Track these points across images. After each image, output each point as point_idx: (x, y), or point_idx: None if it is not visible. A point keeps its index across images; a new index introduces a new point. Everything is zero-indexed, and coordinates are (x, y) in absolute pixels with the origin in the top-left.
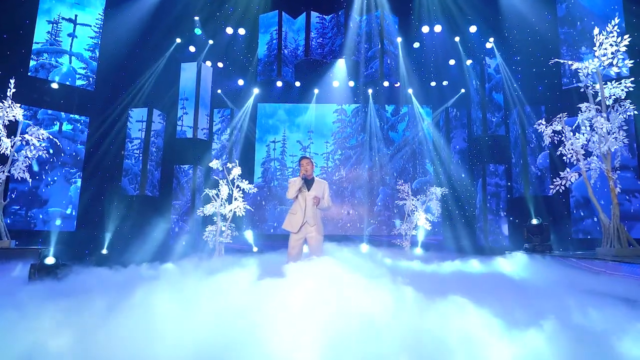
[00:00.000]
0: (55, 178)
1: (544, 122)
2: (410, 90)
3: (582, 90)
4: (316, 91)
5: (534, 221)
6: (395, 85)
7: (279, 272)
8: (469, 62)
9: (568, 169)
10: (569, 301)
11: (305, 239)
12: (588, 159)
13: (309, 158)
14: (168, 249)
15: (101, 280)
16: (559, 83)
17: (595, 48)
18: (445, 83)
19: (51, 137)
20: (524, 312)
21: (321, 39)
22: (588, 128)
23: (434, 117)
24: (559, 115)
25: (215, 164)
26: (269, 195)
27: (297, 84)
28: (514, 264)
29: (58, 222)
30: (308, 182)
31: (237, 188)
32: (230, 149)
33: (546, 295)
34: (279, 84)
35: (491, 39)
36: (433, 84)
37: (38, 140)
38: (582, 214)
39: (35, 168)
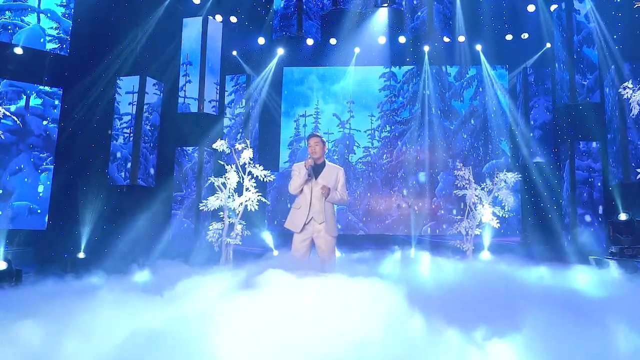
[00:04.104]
0: (22, 165)
1: (630, 86)
2: (478, 47)
3: None
4: (357, 50)
5: (622, 216)
6: (459, 40)
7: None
8: (553, 7)
9: None
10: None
11: (313, 240)
12: None
13: (319, 136)
14: (165, 252)
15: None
16: None
17: None
18: (525, 36)
19: (9, 113)
20: None
21: None
22: None
23: (509, 81)
24: None
25: (219, 144)
26: None
27: (333, 41)
28: (579, 275)
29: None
30: (317, 168)
31: (248, 175)
32: (246, 126)
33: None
34: (310, 41)
35: None
36: (509, 37)
37: None
38: None
39: None
